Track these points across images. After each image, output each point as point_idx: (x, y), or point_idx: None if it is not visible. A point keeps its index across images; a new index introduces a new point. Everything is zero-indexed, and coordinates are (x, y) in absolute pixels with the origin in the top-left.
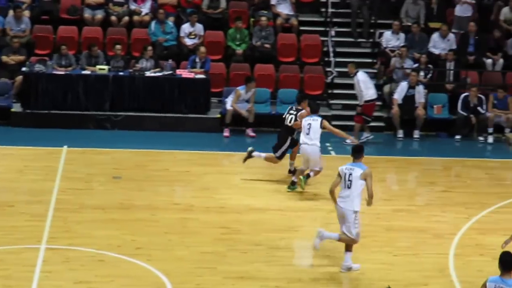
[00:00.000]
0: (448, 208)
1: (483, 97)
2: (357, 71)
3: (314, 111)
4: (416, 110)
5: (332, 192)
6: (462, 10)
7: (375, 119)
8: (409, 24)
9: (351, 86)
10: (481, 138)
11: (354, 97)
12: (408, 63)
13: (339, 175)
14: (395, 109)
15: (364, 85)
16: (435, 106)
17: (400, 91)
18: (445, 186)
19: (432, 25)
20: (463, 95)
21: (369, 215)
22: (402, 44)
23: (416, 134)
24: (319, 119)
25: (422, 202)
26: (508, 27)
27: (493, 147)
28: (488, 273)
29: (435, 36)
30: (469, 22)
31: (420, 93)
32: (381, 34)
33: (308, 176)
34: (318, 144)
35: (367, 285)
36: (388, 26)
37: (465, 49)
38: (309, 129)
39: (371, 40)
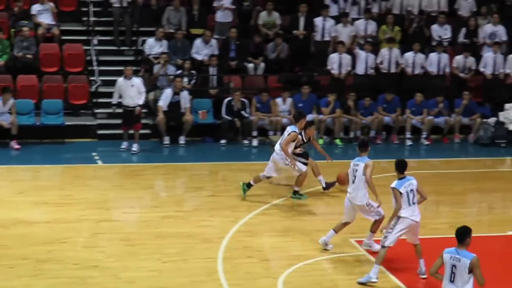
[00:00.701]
0: (216, 212)
1: (246, 101)
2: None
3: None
4: (184, 116)
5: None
6: (222, 16)
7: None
8: (172, 31)
9: None
10: (246, 142)
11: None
12: (171, 70)
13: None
14: (161, 116)
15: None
16: (199, 112)
17: (165, 98)
18: (212, 190)
19: (194, 31)
20: (226, 99)
21: (138, 222)
22: (165, 51)
23: (182, 140)
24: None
25: (190, 208)
26: (267, 31)
27: (258, 150)
28: (256, 274)
29: (198, 42)
30: (230, 28)
31: (185, 98)
32: (144, 42)
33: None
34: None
35: None
36: (151, 33)
37: (227, 55)
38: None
39: (134, 47)
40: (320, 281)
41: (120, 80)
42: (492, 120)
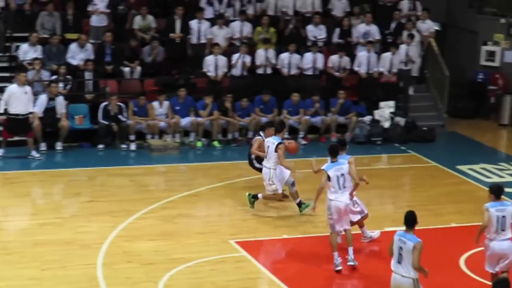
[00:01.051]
0: (94, 217)
1: (123, 105)
2: None
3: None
4: (60, 122)
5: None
6: (97, 20)
7: None
8: (46, 36)
9: None
10: (123, 146)
11: None
12: (46, 75)
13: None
14: (37, 123)
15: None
16: (76, 117)
17: (40, 104)
18: (90, 196)
19: (69, 36)
20: (103, 104)
21: (15, 231)
22: (40, 56)
23: (59, 146)
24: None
25: (68, 214)
26: (143, 35)
27: (136, 154)
28: (137, 278)
29: (73, 46)
30: (105, 32)
31: (60, 104)
32: (18, 47)
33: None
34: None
35: None
36: (24, 39)
37: (102, 59)
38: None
39: (7, 53)
40: (201, 283)
41: (13, 87)
42: (367, 118)
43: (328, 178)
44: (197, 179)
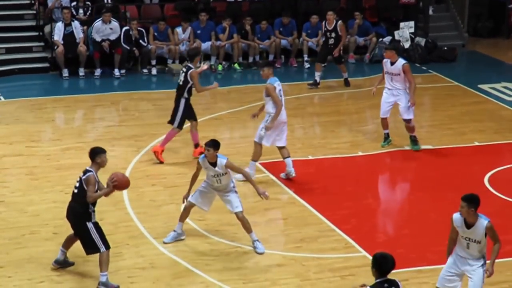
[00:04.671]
0: (118, 142)
1: (143, 30)
2: None
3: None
4: (78, 47)
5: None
6: None
7: (39, 60)
8: None
9: None
10: (145, 71)
11: None
12: (65, 1)
13: None
14: (61, 48)
15: None
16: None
17: (58, 32)
18: (113, 120)
19: None
20: (124, 29)
21: (41, 156)
22: None
23: (81, 71)
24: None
25: (91, 139)
26: None
27: (157, 79)
28: (161, 201)
29: None
30: None
31: (77, 29)
32: None
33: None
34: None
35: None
36: None
37: None
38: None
39: None
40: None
41: None
42: (387, 39)
43: None
44: (219, 103)
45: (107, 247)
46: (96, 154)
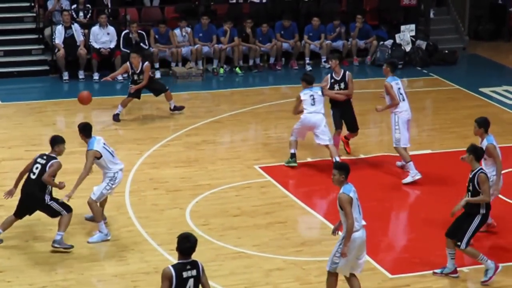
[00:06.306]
0: (120, 145)
1: (143, 33)
2: None
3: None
4: (78, 50)
5: None
6: None
7: (39, 63)
8: None
9: None
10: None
11: None
12: (65, 4)
13: None
14: (62, 52)
15: None
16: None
17: (58, 35)
18: (116, 124)
19: None
20: (124, 32)
21: None
22: None
23: (81, 74)
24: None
25: None
26: None
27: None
28: (163, 205)
29: None
30: None
31: (77, 32)
32: None
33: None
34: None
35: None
36: None
37: None
38: (313, 99)
39: None
40: (227, 209)
41: None
42: (388, 42)
43: None
44: (220, 105)
45: (69, 210)
46: (56, 142)
